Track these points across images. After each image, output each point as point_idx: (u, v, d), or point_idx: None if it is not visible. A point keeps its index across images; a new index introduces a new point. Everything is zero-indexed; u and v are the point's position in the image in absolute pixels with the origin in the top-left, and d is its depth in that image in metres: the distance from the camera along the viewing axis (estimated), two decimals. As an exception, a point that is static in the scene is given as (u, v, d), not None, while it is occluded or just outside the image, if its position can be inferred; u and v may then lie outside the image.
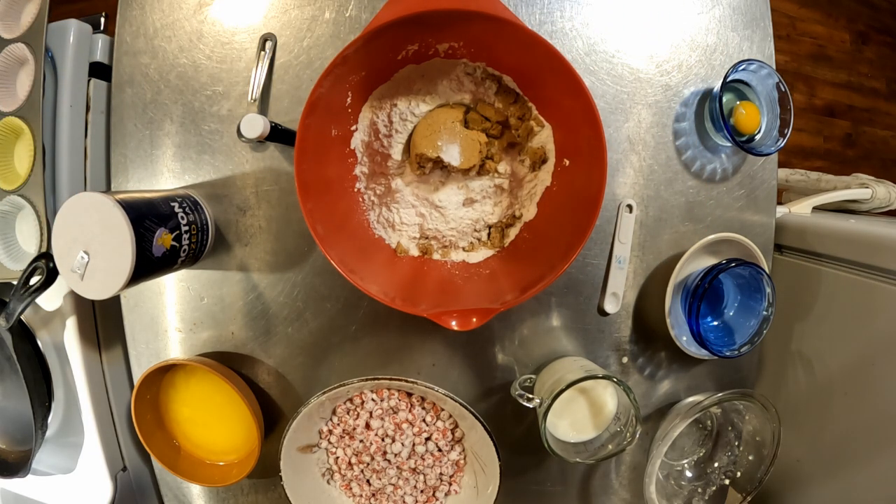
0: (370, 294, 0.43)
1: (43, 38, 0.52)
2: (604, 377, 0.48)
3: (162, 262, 0.46)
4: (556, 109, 0.46)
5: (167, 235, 0.46)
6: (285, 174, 0.53)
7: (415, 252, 0.52)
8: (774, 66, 0.55)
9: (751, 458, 0.58)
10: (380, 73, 0.46)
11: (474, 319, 0.43)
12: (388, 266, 0.49)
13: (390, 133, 0.48)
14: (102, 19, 0.58)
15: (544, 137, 0.48)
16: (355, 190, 0.50)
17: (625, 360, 0.58)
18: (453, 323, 0.43)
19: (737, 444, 0.59)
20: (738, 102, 0.56)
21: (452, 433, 0.56)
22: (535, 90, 0.47)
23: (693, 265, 0.55)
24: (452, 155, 0.47)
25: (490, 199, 0.52)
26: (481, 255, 0.52)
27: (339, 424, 0.55)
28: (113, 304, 0.56)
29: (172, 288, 0.55)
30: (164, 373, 0.54)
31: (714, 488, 0.59)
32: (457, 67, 0.47)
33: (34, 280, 0.51)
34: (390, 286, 0.46)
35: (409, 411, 0.55)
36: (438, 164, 0.48)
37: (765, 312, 0.53)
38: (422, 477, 0.56)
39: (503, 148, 0.50)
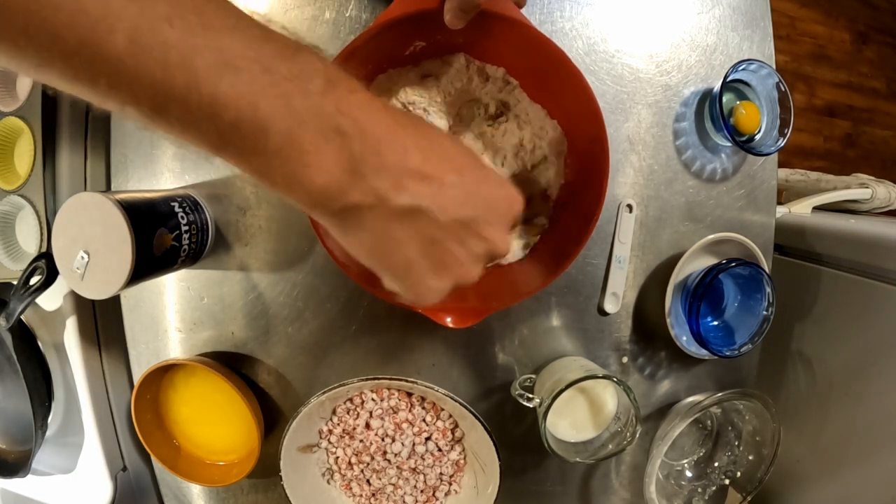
0: (368, 290, 0.43)
1: (43, 38, 0.52)
2: (604, 377, 0.48)
3: (162, 261, 0.46)
4: (559, 110, 0.46)
5: (167, 235, 0.46)
6: (285, 174, 0.53)
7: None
8: (774, 66, 0.55)
9: (751, 458, 0.58)
10: (386, 68, 0.46)
11: (470, 318, 0.43)
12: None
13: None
14: (102, 19, 0.58)
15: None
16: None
17: (625, 359, 0.58)
18: (448, 320, 0.43)
19: (737, 444, 0.59)
20: (738, 102, 0.56)
21: (452, 433, 0.56)
22: (539, 91, 0.47)
23: (693, 265, 0.55)
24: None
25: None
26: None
27: (339, 424, 0.55)
28: (113, 304, 0.56)
29: (172, 288, 0.55)
30: (164, 373, 0.54)
31: (714, 488, 0.59)
32: (461, 65, 0.47)
33: (34, 280, 0.51)
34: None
35: (409, 411, 0.55)
36: None
37: (765, 312, 0.53)
38: (422, 477, 0.56)
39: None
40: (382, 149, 0.25)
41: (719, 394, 0.53)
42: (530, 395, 0.50)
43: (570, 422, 0.53)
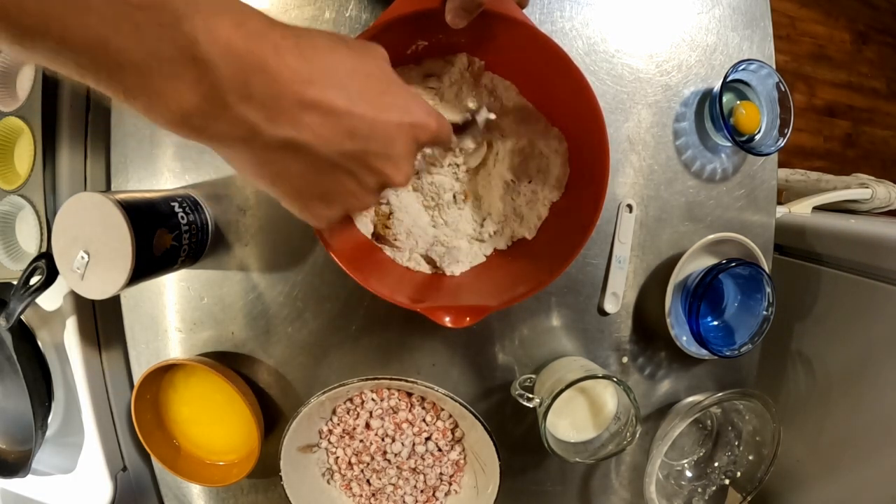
0: (367, 287, 0.43)
1: (43, 38, 0.52)
2: (604, 377, 0.48)
3: (162, 261, 0.46)
4: (560, 110, 0.46)
5: (167, 235, 0.46)
6: (285, 174, 0.53)
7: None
8: (774, 66, 0.55)
9: (751, 458, 0.58)
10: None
11: (468, 318, 0.43)
12: (387, 262, 0.49)
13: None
14: (102, 19, 0.58)
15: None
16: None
17: (625, 359, 0.58)
18: (447, 319, 0.43)
19: (737, 444, 0.59)
20: (738, 102, 0.56)
21: (452, 433, 0.56)
22: (540, 92, 0.47)
23: (693, 265, 0.55)
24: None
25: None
26: (481, 254, 0.52)
27: (339, 424, 0.55)
28: (113, 304, 0.56)
29: (172, 288, 0.55)
30: (164, 373, 0.54)
31: (714, 488, 0.59)
32: (463, 65, 0.47)
33: (34, 280, 0.51)
34: (389, 281, 0.46)
35: (409, 411, 0.55)
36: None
37: (765, 312, 0.53)
38: (422, 477, 0.56)
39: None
40: (251, 76, 0.24)
41: (719, 394, 0.53)
42: (530, 395, 0.50)
43: (570, 422, 0.53)
